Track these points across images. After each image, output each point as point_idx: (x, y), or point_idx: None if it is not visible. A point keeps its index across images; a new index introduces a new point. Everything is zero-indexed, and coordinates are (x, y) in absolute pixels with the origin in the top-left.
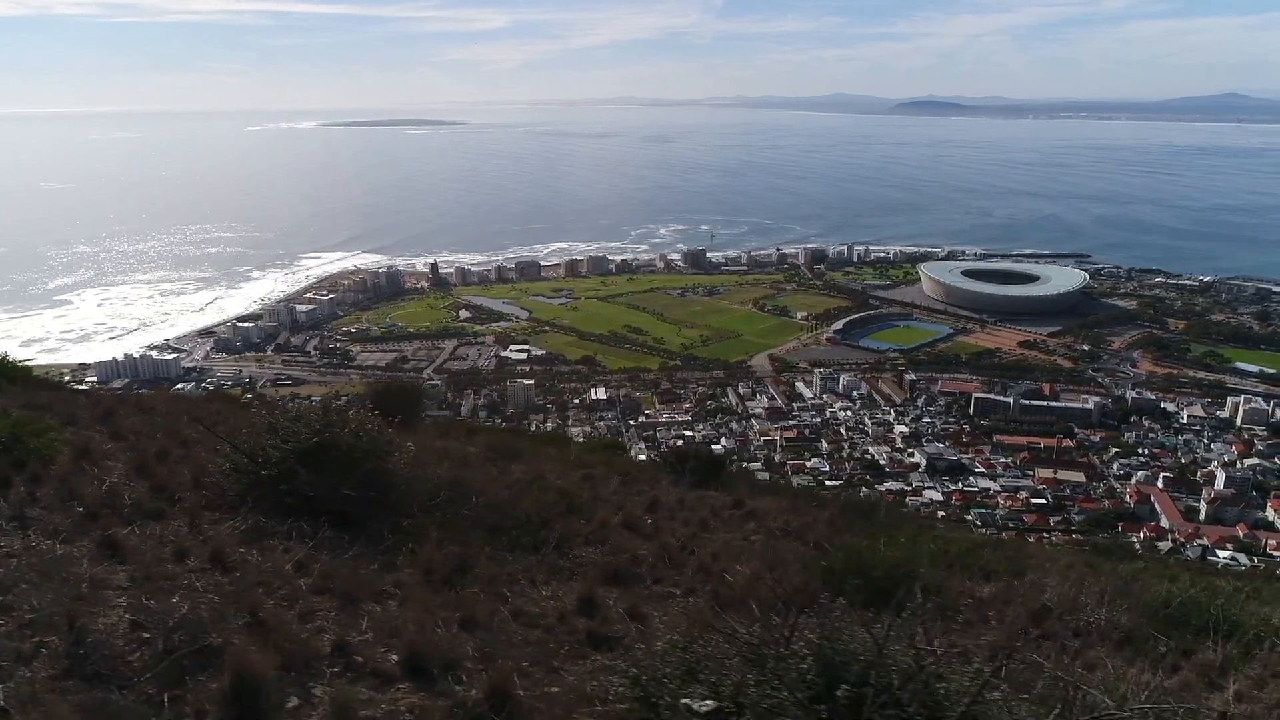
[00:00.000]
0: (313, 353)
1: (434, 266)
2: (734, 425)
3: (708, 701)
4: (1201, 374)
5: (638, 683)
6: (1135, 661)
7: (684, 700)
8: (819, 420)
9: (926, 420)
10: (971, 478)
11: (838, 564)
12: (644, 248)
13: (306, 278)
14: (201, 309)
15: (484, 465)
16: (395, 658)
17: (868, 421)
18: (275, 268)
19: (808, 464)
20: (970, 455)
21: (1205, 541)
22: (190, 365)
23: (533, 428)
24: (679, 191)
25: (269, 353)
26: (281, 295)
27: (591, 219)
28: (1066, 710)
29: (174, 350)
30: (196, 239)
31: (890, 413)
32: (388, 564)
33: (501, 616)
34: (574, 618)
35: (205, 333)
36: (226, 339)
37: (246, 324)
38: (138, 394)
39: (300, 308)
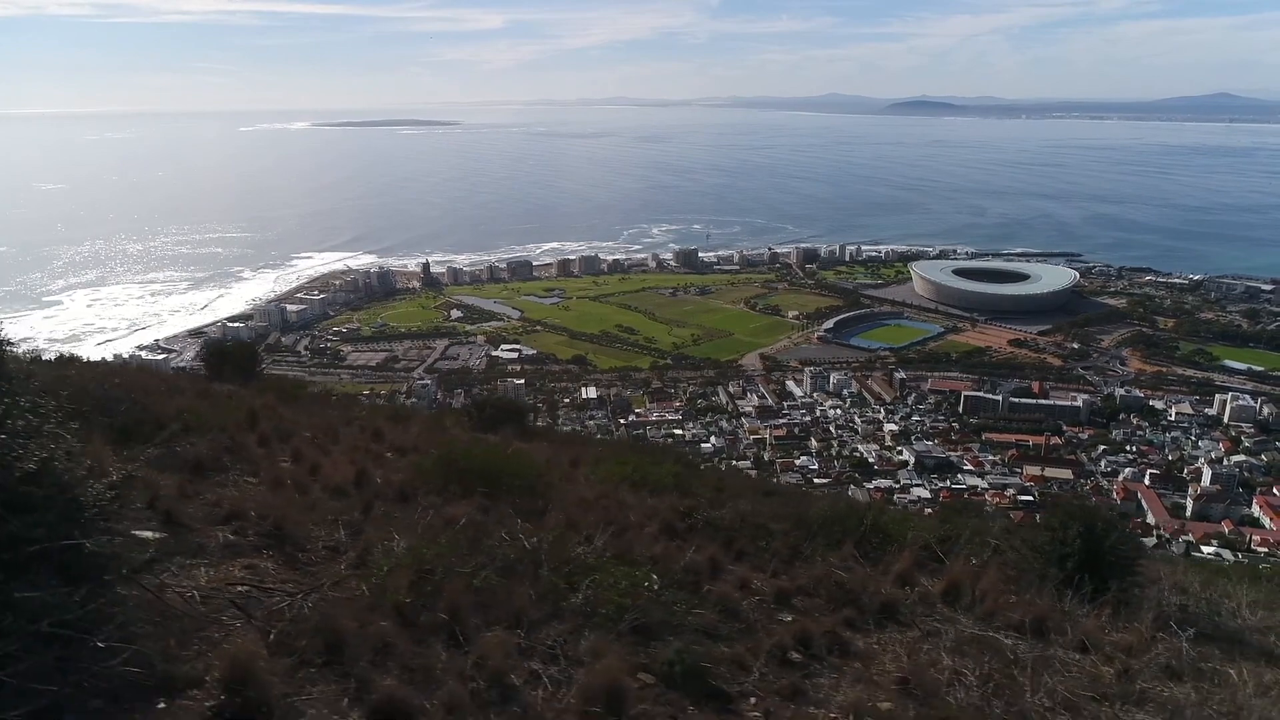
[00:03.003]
0: (303, 353)
1: (425, 266)
2: (724, 424)
3: None
4: (1190, 372)
5: None
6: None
7: None
8: (809, 419)
9: (916, 418)
10: (959, 475)
11: (427, 464)
12: (637, 247)
13: (298, 278)
14: (193, 310)
15: (221, 401)
16: None
17: (857, 420)
18: (267, 268)
19: (796, 462)
20: (959, 453)
21: (1190, 537)
22: (180, 365)
23: None
24: (672, 191)
25: (260, 352)
26: (273, 295)
27: (585, 219)
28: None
29: (164, 350)
30: (188, 240)
31: (880, 411)
32: None
33: None
34: None
35: (195, 333)
36: (216, 339)
37: (237, 324)
38: None
39: (291, 308)
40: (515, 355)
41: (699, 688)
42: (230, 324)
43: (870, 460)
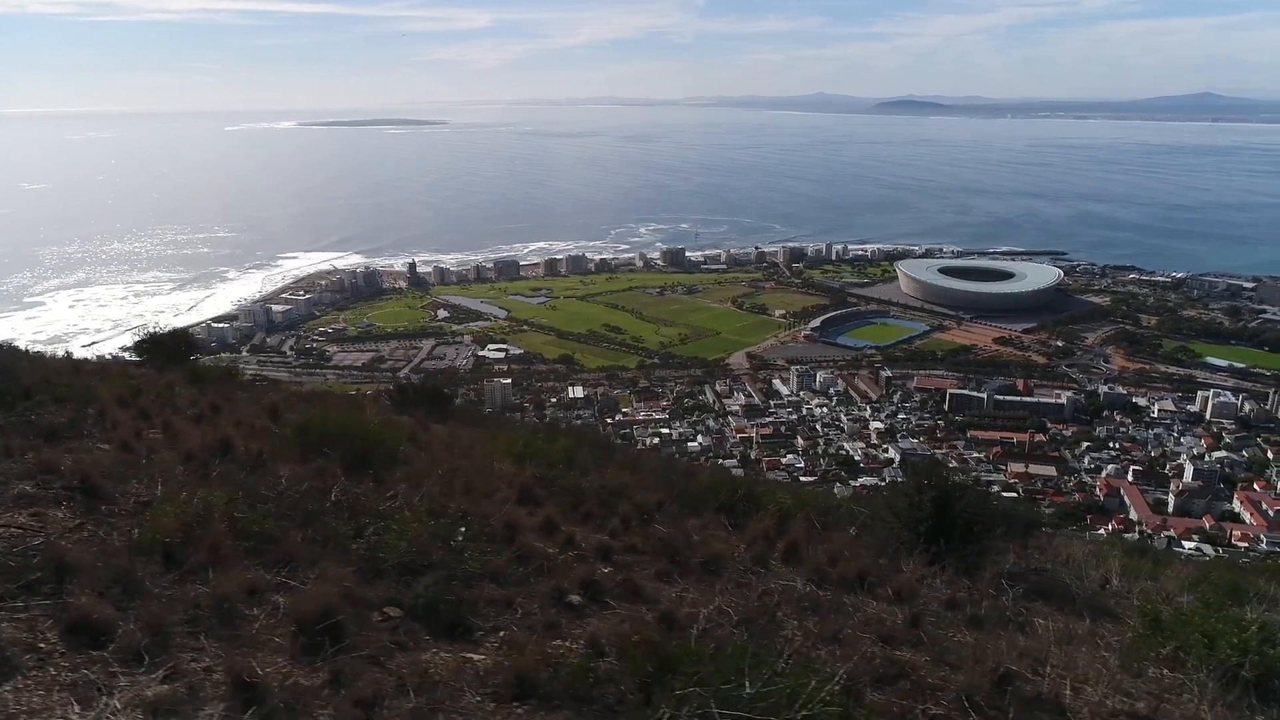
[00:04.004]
0: (289, 353)
1: (412, 266)
2: (710, 423)
3: None
4: (1172, 369)
5: None
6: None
7: None
8: (795, 417)
9: (902, 416)
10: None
11: (287, 432)
12: (624, 246)
13: (283, 278)
14: (178, 311)
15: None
16: None
17: (843, 418)
18: (253, 269)
19: (783, 460)
20: (944, 451)
21: (1172, 533)
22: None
23: None
24: (659, 190)
25: (244, 353)
26: (258, 296)
27: (572, 218)
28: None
29: None
30: (173, 240)
31: (866, 409)
32: None
33: None
34: None
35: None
36: (201, 340)
37: (221, 324)
38: None
39: (276, 308)
40: (502, 355)
41: (445, 621)
42: (215, 324)
43: (856, 458)
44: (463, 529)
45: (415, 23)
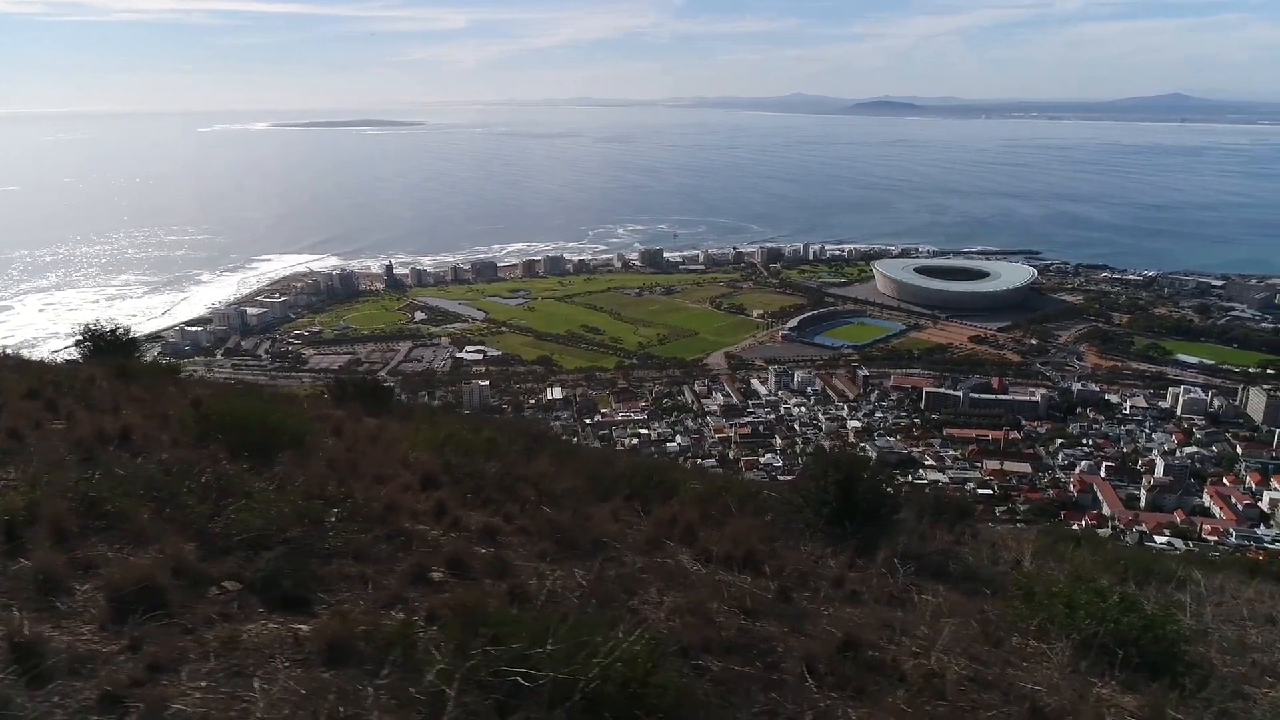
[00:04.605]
0: (264, 356)
1: (388, 268)
2: (689, 423)
3: None
4: (1144, 366)
5: None
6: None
7: None
8: (773, 417)
9: (879, 415)
10: (921, 470)
11: (187, 419)
12: (602, 247)
13: (258, 281)
14: (151, 314)
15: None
16: None
17: (821, 417)
18: (227, 271)
19: (761, 460)
20: (920, 449)
21: (1143, 527)
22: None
23: None
24: (637, 191)
25: (218, 356)
26: (233, 299)
27: (549, 219)
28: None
29: None
30: (146, 243)
31: (843, 408)
32: None
33: None
34: None
35: (153, 337)
36: (174, 343)
37: (195, 328)
38: None
39: (251, 311)
40: (480, 357)
41: (286, 595)
42: (189, 328)
43: None
44: (336, 509)
45: (392, 22)
